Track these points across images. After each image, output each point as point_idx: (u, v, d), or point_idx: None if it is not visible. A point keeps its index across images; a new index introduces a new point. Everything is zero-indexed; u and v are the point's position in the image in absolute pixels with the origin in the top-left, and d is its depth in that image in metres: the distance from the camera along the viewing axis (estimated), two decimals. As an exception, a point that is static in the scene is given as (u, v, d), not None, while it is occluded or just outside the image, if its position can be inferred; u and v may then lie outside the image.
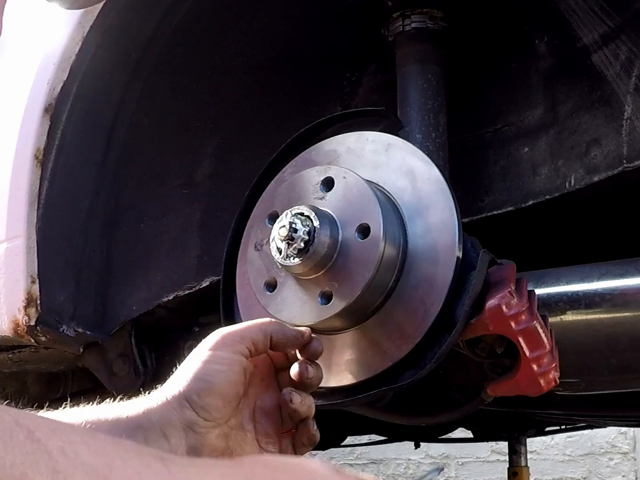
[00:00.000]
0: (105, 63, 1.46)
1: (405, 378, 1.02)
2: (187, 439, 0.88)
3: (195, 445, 0.89)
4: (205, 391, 0.89)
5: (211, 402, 0.89)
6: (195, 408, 0.88)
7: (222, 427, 0.91)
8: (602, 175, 1.26)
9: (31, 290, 1.49)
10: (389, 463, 5.56)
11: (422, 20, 1.34)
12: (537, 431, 3.22)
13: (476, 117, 1.42)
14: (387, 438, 3.25)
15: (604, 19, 1.24)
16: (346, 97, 1.52)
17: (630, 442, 5.06)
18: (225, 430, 0.92)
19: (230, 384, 0.90)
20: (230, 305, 1.19)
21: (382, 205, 1.02)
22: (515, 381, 1.04)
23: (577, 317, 1.26)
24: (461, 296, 1.01)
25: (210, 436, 0.90)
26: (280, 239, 1.02)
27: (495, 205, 1.37)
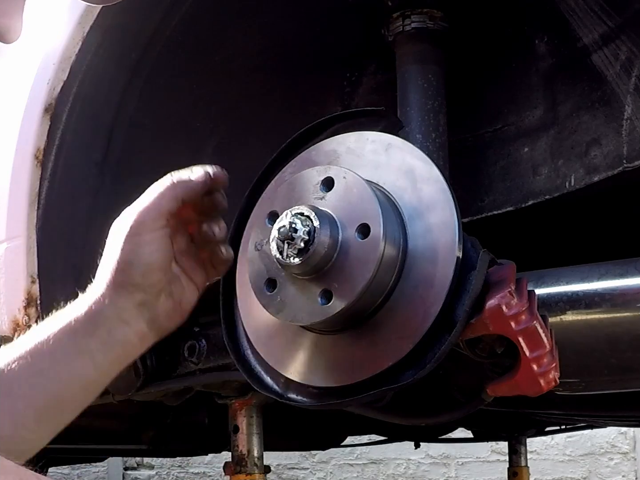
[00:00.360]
0: (105, 63, 1.46)
1: (406, 378, 1.02)
2: (143, 314, 0.99)
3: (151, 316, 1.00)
4: (146, 273, 0.98)
5: (154, 278, 0.99)
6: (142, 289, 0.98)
7: (164, 289, 1.02)
8: (602, 175, 1.26)
9: (31, 290, 1.49)
10: (389, 463, 5.56)
11: (422, 20, 1.34)
12: (537, 431, 3.22)
13: (476, 117, 1.42)
14: (387, 438, 3.25)
15: (604, 19, 1.24)
16: (346, 97, 1.52)
17: (630, 442, 5.06)
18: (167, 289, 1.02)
19: (164, 256, 1.00)
20: (230, 305, 1.19)
21: (382, 205, 1.02)
22: (515, 381, 1.04)
23: (577, 317, 1.26)
24: (461, 296, 1.01)
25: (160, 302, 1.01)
26: (280, 239, 1.02)
27: (495, 205, 1.37)
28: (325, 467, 5.73)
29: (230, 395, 1.70)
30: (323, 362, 1.08)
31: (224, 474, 1.73)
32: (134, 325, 0.98)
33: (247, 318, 1.15)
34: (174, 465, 6.09)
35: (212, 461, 5.83)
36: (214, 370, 1.56)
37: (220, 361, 1.55)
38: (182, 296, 1.04)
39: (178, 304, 1.04)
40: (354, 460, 5.63)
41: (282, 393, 1.11)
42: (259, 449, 1.70)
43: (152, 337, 1.02)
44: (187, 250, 1.04)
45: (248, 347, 1.15)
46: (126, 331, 0.98)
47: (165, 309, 1.02)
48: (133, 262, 0.97)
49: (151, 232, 0.98)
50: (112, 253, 0.99)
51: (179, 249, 1.04)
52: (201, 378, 1.58)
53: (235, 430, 1.70)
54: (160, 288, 1.00)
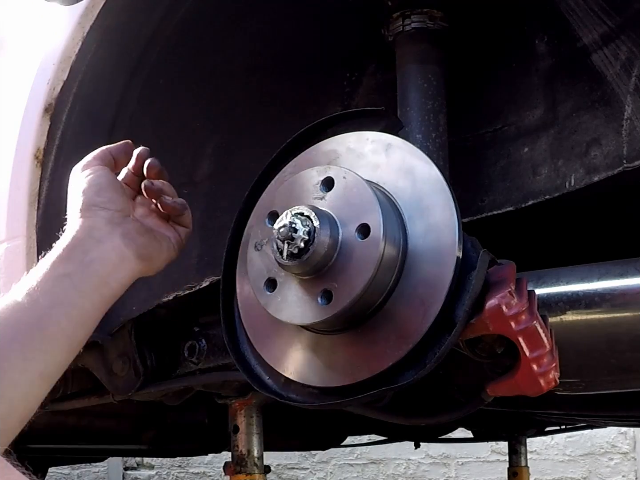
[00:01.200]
0: (105, 63, 1.46)
1: (406, 378, 1.02)
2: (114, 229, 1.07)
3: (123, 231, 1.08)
4: (100, 191, 1.10)
5: (111, 195, 1.10)
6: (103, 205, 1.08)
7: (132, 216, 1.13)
8: (602, 175, 1.26)
9: (31, 290, 1.49)
10: (389, 463, 5.56)
11: (422, 20, 1.34)
12: (537, 431, 3.22)
13: (476, 117, 1.42)
14: (387, 438, 3.25)
15: (604, 19, 1.24)
16: (346, 97, 1.52)
17: (630, 442, 5.06)
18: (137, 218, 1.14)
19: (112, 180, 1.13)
20: (230, 305, 1.19)
21: (382, 205, 1.02)
22: (515, 381, 1.04)
23: (577, 317, 1.26)
24: (461, 296, 1.01)
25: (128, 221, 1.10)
26: (280, 239, 1.02)
27: (495, 205, 1.37)
28: (325, 467, 5.73)
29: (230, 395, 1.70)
30: (323, 362, 1.08)
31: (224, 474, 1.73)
32: (108, 242, 1.04)
33: (247, 318, 1.15)
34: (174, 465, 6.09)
35: (212, 461, 5.83)
36: (214, 370, 1.56)
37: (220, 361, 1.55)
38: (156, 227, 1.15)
39: (152, 231, 1.13)
40: (354, 460, 5.63)
41: (282, 393, 1.11)
42: (259, 449, 1.70)
43: (132, 257, 1.07)
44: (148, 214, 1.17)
45: (248, 347, 1.15)
46: (101, 248, 1.03)
47: (136, 227, 1.10)
48: (86, 188, 1.09)
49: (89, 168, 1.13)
50: (71, 191, 1.12)
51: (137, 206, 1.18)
52: (201, 378, 1.58)
53: (235, 430, 1.70)
54: (122, 207, 1.10)
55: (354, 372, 1.04)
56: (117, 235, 1.06)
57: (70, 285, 0.96)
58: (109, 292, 1.00)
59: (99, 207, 1.07)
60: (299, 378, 1.09)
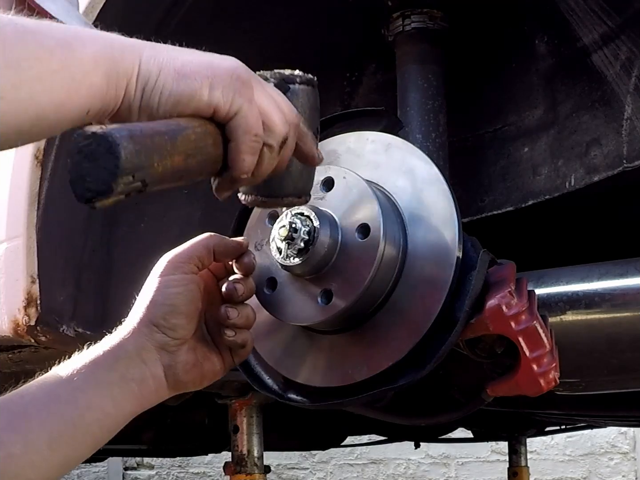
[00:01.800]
0: (105, 63, 1.46)
1: (406, 378, 1.02)
2: (162, 359, 0.99)
3: (170, 363, 0.99)
4: (169, 314, 0.99)
5: (177, 322, 0.99)
6: (163, 330, 0.98)
7: (189, 342, 1.01)
8: (602, 175, 1.26)
9: (31, 290, 1.49)
10: (389, 463, 5.56)
11: (422, 20, 1.34)
12: (537, 431, 3.22)
13: (476, 117, 1.42)
14: (387, 438, 3.25)
15: (604, 19, 1.24)
16: (346, 97, 1.52)
17: (630, 442, 5.06)
18: (192, 344, 1.02)
19: (189, 301, 1.00)
20: (230, 305, 1.19)
21: (382, 205, 1.02)
22: (515, 381, 1.04)
23: (577, 317, 1.26)
24: (461, 296, 1.01)
25: (181, 352, 1.00)
26: (280, 239, 1.02)
27: (495, 205, 1.37)
28: (325, 467, 5.73)
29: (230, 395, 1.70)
30: (323, 362, 1.08)
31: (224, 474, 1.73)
32: (151, 367, 0.98)
33: (247, 318, 1.15)
34: (174, 465, 6.10)
35: (212, 461, 5.84)
36: (214, 370, 1.56)
37: (220, 361, 1.54)
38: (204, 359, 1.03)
39: (200, 364, 1.02)
40: (354, 460, 5.63)
41: (282, 393, 1.11)
42: (259, 449, 1.70)
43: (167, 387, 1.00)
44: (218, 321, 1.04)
45: (248, 347, 1.15)
46: (143, 370, 0.98)
47: (185, 361, 1.00)
48: (157, 301, 0.99)
49: (179, 274, 1.00)
50: (142, 292, 1.02)
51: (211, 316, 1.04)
52: (201, 378, 1.58)
53: (235, 430, 1.70)
54: (182, 336, 1.00)
55: (354, 372, 1.04)
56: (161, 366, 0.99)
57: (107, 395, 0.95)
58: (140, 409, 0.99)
59: (159, 329, 0.99)
60: (299, 378, 1.09)
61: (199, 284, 1.01)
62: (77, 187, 0.63)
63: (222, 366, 1.04)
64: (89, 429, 0.94)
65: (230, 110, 0.78)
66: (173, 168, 0.71)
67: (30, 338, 1.53)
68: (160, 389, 1.00)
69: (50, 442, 0.91)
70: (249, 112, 0.79)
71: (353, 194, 1.03)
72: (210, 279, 1.05)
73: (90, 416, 0.94)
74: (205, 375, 1.03)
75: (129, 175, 0.64)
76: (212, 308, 1.04)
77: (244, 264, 1.03)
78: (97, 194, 0.62)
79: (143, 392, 0.98)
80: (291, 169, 0.91)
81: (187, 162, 0.73)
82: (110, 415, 0.96)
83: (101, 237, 1.59)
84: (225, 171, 0.80)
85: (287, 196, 0.94)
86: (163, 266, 1.01)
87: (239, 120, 0.78)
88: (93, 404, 0.94)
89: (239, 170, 0.80)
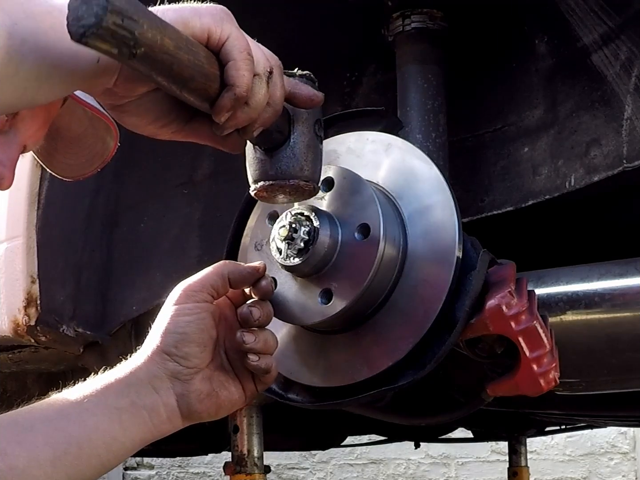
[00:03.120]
0: (105, 63, 1.46)
1: (405, 378, 1.02)
2: (175, 387, 0.98)
3: (182, 392, 0.98)
4: (181, 342, 0.98)
5: (189, 351, 0.98)
6: (175, 359, 0.97)
7: (204, 371, 1.00)
8: (602, 175, 1.26)
9: (31, 290, 1.49)
10: (389, 463, 5.56)
11: (422, 20, 1.34)
12: (537, 431, 3.22)
13: (476, 117, 1.42)
14: (387, 438, 3.25)
15: (604, 19, 1.24)
16: (346, 97, 1.52)
17: (630, 442, 5.06)
18: (208, 373, 1.00)
19: (202, 330, 0.99)
20: (230, 305, 1.19)
21: (382, 205, 1.02)
22: (515, 381, 1.04)
23: (577, 317, 1.26)
24: (461, 296, 1.01)
25: (194, 381, 0.99)
26: (280, 239, 1.02)
27: (495, 205, 1.37)
28: (325, 467, 5.73)
29: (230, 395, 1.70)
30: (323, 362, 1.08)
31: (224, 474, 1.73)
32: (163, 396, 0.97)
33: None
34: (174, 465, 6.10)
35: (212, 461, 5.84)
36: (214, 370, 1.56)
37: (220, 361, 1.54)
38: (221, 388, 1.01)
39: (216, 394, 1.00)
40: (354, 460, 5.63)
41: (282, 393, 1.11)
42: (259, 449, 1.70)
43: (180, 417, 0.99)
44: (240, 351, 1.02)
45: (248, 347, 1.15)
46: (155, 398, 0.97)
47: (199, 390, 0.99)
48: (169, 329, 0.98)
49: (191, 303, 0.99)
50: (157, 321, 1.01)
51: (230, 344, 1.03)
52: (201, 378, 1.58)
53: (235, 430, 1.70)
54: (196, 365, 0.98)
55: (354, 372, 1.04)
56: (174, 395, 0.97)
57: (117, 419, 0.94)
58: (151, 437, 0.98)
59: (171, 358, 0.97)
60: (299, 378, 1.09)
61: (213, 313, 1.00)
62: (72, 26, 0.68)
63: (241, 395, 1.02)
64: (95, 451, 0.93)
65: (222, 34, 0.83)
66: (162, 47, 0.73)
67: (30, 338, 1.53)
68: (174, 418, 0.98)
69: (54, 460, 0.90)
70: (240, 35, 0.85)
71: (353, 194, 1.03)
72: (227, 306, 1.03)
73: (98, 439, 0.93)
74: (221, 405, 1.01)
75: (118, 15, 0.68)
76: (231, 336, 1.02)
77: (261, 289, 1.01)
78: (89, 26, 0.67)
79: (154, 421, 0.97)
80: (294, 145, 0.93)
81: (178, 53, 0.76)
82: (117, 440, 0.95)
83: (101, 237, 1.59)
84: (226, 92, 0.82)
85: (294, 178, 0.93)
86: (177, 295, 1.00)
87: (232, 41, 0.83)
88: (101, 427, 0.94)
89: (240, 85, 0.82)
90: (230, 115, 0.84)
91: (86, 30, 0.67)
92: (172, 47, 0.75)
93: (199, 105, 0.84)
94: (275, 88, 0.88)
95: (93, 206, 1.56)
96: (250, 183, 0.96)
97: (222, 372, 1.01)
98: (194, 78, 0.79)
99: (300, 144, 0.93)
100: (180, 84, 0.79)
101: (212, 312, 1.00)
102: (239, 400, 1.02)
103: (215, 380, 1.00)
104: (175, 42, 0.76)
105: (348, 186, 1.04)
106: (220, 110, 0.83)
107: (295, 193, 0.96)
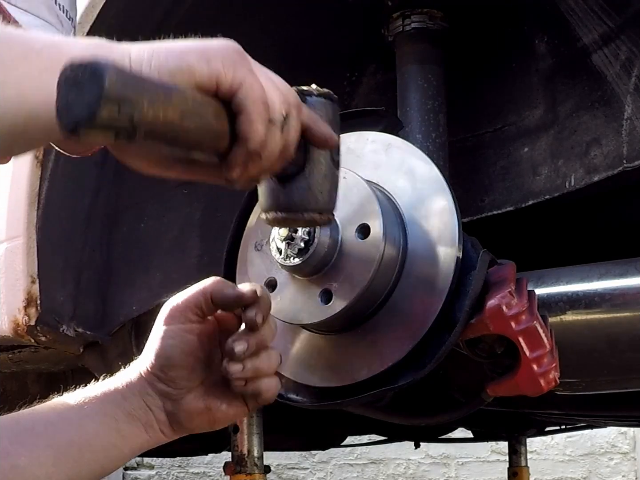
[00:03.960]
0: (105, 63, 1.46)
1: (405, 378, 1.02)
2: (165, 406, 0.96)
3: (173, 410, 0.96)
4: (166, 367, 0.95)
5: (175, 375, 0.95)
6: (163, 381, 0.95)
7: (197, 389, 0.96)
8: (602, 175, 1.26)
9: (31, 290, 1.49)
10: (389, 463, 5.56)
11: (422, 20, 1.34)
12: (537, 431, 3.22)
13: (476, 117, 1.42)
14: (387, 438, 3.25)
15: (604, 19, 1.24)
16: (346, 97, 1.52)
17: (630, 442, 5.05)
18: (201, 391, 0.97)
19: (186, 354, 0.95)
20: (230, 305, 1.19)
21: (382, 205, 1.02)
22: (515, 381, 1.04)
23: (577, 317, 1.26)
24: (461, 296, 1.01)
25: (186, 400, 0.96)
26: (280, 239, 1.02)
27: (495, 205, 1.37)
28: (325, 467, 5.73)
29: (230, 395, 1.70)
30: (323, 362, 1.08)
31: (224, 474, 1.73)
32: (155, 412, 0.96)
33: (247, 318, 1.15)
34: (174, 465, 6.09)
35: (212, 461, 5.83)
36: (214, 370, 1.56)
37: (220, 361, 1.54)
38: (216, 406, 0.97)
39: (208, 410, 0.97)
40: (354, 460, 5.63)
41: (282, 393, 1.11)
42: (259, 449, 1.70)
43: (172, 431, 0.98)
44: None
45: (248, 347, 1.15)
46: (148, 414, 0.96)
47: (189, 410, 0.96)
48: (157, 353, 0.95)
49: (176, 324, 0.95)
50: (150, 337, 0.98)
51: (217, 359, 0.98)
52: (201, 378, 1.58)
53: (235, 430, 1.70)
54: (184, 386, 0.95)
55: (354, 372, 1.05)
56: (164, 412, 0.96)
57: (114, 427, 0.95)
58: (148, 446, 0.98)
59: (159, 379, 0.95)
60: (299, 378, 1.09)
61: (199, 334, 0.95)
62: (62, 116, 0.61)
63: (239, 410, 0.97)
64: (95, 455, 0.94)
65: (234, 81, 0.74)
66: (166, 121, 0.66)
67: (30, 338, 1.53)
68: (167, 432, 0.98)
69: (56, 460, 0.91)
70: (254, 82, 0.75)
71: (353, 194, 1.03)
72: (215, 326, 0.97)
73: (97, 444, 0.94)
74: (216, 420, 0.98)
75: (114, 104, 0.61)
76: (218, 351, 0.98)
77: (247, 320, 0.92)
78: (81, 120, 0.60)
79: (149, 432, 0.96)
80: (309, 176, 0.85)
81: (184, 122, 0.68)
82: (116, 446, 0.95)
83: (101, 237, 1.59)
84: (238, 147, 0.75)
85: (308, 211, 0.86)
86: (166, 313, 0.96)
87: (245, 91, 0.74)
88: (100, 434, 0.94)
89: (253, 141, 0.74)
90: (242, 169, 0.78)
91: (77, 124, 0.60)
92: (177, 117, 0.68)
93: (208, 162, 0.78)
94: (289, 133, 0.79)
95: (93, 206, 1.56)
96: (262, 209, 0.90)
97: (216, 389, 0.97)
98: (201, 143, 0.73)
99: (316, 174, 0.86)
100: (186, 149, 0.74)
101: (198, 332, 0.95)
102: (236, 414, 0.99)
103: (209, 397, 0.97)
104: (180, 109, 0.68)
105: (348, 186, 1.04)
106: (232, 166, 0.77)
107: (308, 224, 0.94)
